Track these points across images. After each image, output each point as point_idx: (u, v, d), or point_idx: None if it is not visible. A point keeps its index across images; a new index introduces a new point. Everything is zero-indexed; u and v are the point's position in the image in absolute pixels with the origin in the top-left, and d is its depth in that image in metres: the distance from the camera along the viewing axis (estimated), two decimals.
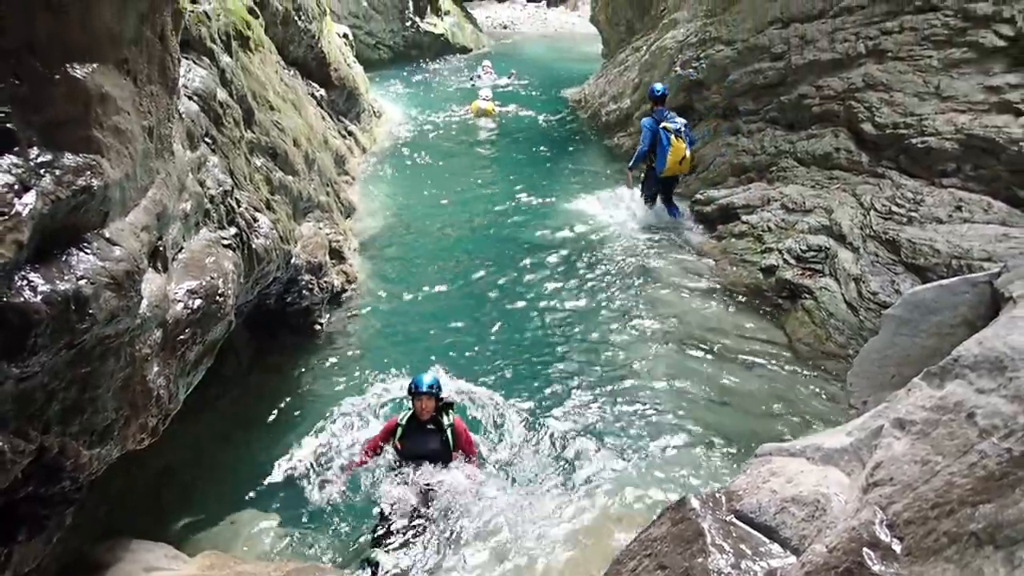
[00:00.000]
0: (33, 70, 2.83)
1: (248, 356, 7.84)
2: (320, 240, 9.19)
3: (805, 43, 10.72)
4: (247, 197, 6.74)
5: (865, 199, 8.83)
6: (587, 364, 7.89)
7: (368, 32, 26.97)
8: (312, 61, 13.75)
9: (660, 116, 10.99)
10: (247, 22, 9.58)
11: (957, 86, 8.45)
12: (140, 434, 3.79)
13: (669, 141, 10.72)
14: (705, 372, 7.66)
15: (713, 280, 9.65)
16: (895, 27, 9.42)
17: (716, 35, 12.95)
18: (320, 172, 10.68)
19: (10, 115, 2.71)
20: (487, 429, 6.87)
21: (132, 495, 5.76)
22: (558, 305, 9.15)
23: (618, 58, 19.43)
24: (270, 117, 8.97)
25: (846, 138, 9.77)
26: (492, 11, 43.42)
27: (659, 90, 11.29)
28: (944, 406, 2.50)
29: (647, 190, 11.74)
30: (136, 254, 3.37)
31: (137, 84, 3.57)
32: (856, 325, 7.77)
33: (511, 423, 6.93)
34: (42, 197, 2.75)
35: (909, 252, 7.72)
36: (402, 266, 10.47)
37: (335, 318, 9.00)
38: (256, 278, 6.54)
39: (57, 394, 3.06)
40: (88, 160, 3.04)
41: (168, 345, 4.07)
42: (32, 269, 2.80)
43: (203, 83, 6.48)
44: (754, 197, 10.57)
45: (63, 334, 2.87)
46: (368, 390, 7.42)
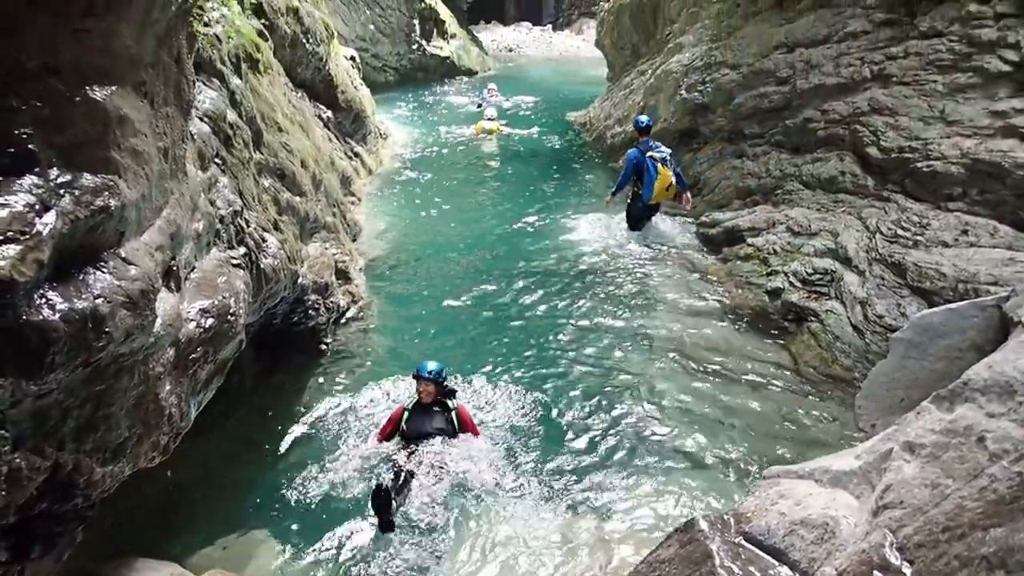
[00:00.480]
0: (55, 92, 2.88)
1: (254, 375, 7.86)
2: (326, 260, 9.23)
3: (810, 67, 10.80)
4: (256, 217, 6.79)
5: (871, 222, 8.85)
6: (593, 385, 7.88)
7: (375, 55, 27.21)
8: (319, 83, 13.87)
9: (646, 147, 11.36)
10: (256, 45, 9.68)
11: (962, 111, 8.51)
12: (152, 452, 3.81)
13: (656, 169, 11.14)
14: (711, 394, 7.66)
15: (719, 302, 9.66)
16: (900, 52, 9.50)
17: (721, 59, 13.04)
18: (327, 193, 10.75)
19: (32, 136, 2.76)
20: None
21: (139, 513, 5.76)
22: (563, 325, 9.16)
23: (623, 81, 19.57)
24: (278, 138, 9.05)
25: (851, 162, 9.82)
26: (498, 34, 43.76)
27: (643, 122, 11.89)
28: (954, 430, 2.51)
29: (633, 216, 12.04)
30: (151, 273, 3.41)
31: (153, 106, 3.63)
32: (862, 348, 7.77)
33: (515, 440, 6.93)
34: (62, 217, 2.79)
35: (915, 276, 7.74)
36: (407, 286, 10.50)
37: (341, 338, 9.01)
38: (264, 298, 6.57)
39: (72, 411, 3.08)
40: (106, 181, 3.08)
41: (180, 363, 4.10)
42: (50, 287, 2.83)
43: (213, 104, 6.55)
44: (759, 220, 10.60)
45: (80, 352, 2.90)
46: (374, 408, 7.42)
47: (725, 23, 13.66)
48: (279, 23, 11.86)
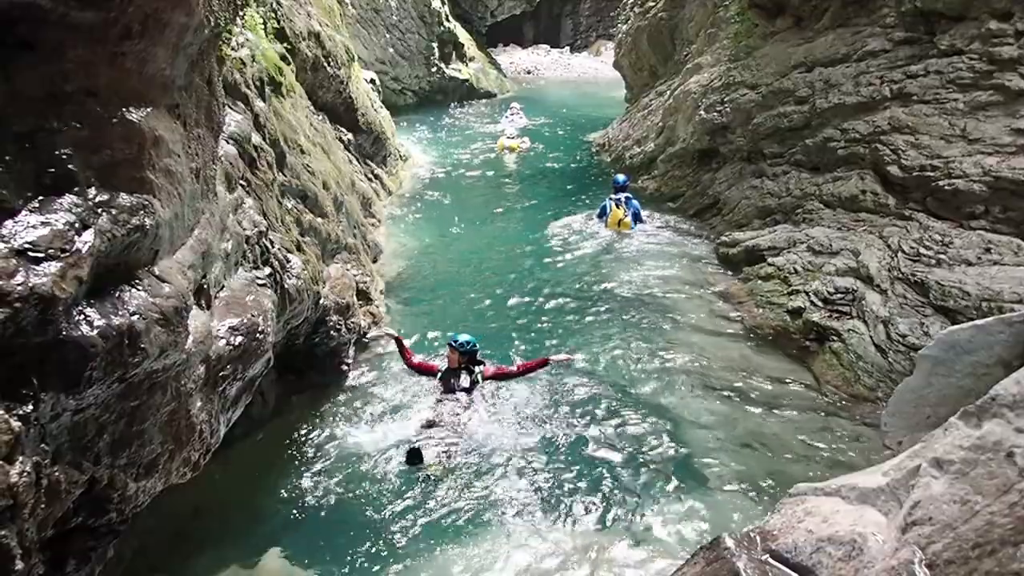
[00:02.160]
0: (93, 114, 2.96)
1: (275, 396, 7.88)
2: (348, 281, 9.28)
3: (829, 87, 10.83)
4: (280, 238, 6.86)
5: (892, 241, 8.83)
6: (615, 403, 7.87)
7: (394, 78, 27.47)
8: (340, 106, 14.02)
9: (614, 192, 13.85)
10: (279, 68, 9.83)
11: (984, 129, 8.49)
12: (183, 468, 3.86)
13: (609, 208, 13.64)
14: (733, 414, 7.63)
15: (740, 322, 9.65)
16: (920, 71, 9.51)
17: (740, 79, 13.09)
18: (348, 214, 10.83)
19: (71, 156, 2.84)
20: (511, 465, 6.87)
21: (159, 534, 5.76)
22: (583, 345, 9.16)
23: (641, 102, 19.65)
24: (301, 160, 9.15)
25: (872, 180, 9.81)
26: (516, 57, 44.02)
27: (620, 181, 14.06)
28: (983, 445, 2.51)
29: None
30: (184, 291, 3.47)
31: (186, 127, 3.71)
32: (885, 367, 7.73)
33: (536, 457, 6.94)
34: (100, 235, 2.86)
35: (938, 294, 7.70)
36: (427, 307, 10.55)
37: (361, 359, 9.04)
38: (287, 318, 6.63)
39: (107, 427, 3.14)
40: (141, 200, 3.16)
41: (210, 381, 4.16)
42: (88, 304, 2.90)
43: (238, 127, 6.64)
44: (780, 239, 10.59)
45: (116, 367, 2.96)
46: (395, 429, 7.45)
47: (743, 43, 13.73)
48: (301, 47, 12.04)
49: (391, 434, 7.37)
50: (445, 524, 6.16)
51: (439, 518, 6.24)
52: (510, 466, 6.88)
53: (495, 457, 7.02)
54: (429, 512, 6.28)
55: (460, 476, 6.75)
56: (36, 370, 2.68)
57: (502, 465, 6.88)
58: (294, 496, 6.56)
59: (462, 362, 7.94)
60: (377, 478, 6.72)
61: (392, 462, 6.91)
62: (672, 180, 15.40)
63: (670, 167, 15.67)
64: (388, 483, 6.60)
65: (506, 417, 7.71)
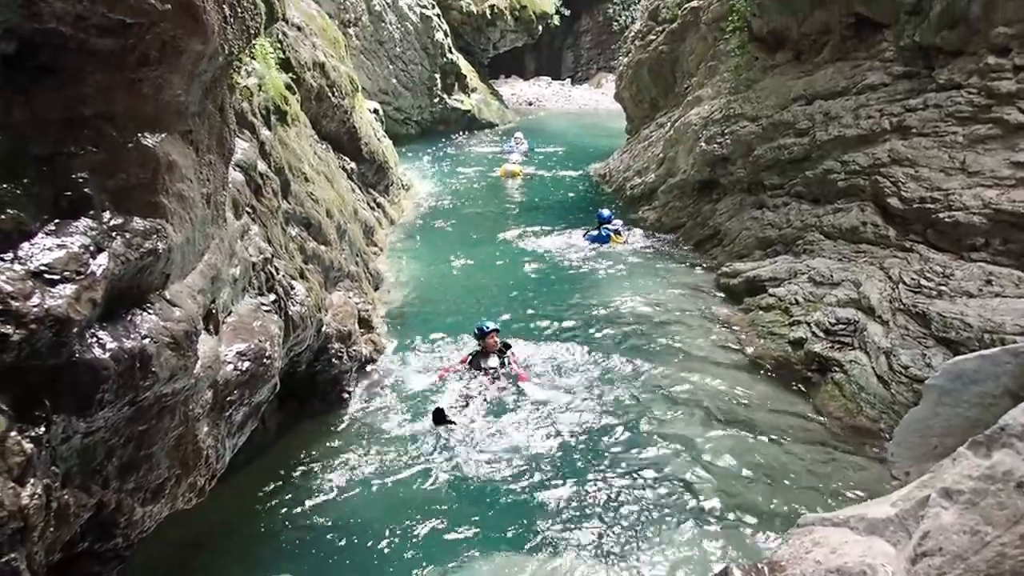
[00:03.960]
0: (109, 139, 3.00)
1: (277, 424, 7.86)
2: (350, 309, 9.30)
3: (829, 119, 10.93)
4: (284, 265, 6.90)
5: (893, 272, 8.86)
6: (617, 435, 7.84)
7: (397, 108, 27.70)
8: (344, 135, 14.14)
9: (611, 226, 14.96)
10: (285, 97, 9.92)
11: (983, 161, 8.56)
12: (189, 493, 3.85)
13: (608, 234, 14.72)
14: (736, 445, 7.61)
15: (741, 353, 9.65)
16: (919, 104, 9.60)
17: (741, 111, 13.21)
18: (351, 242, 10.88)
19: (88, 180, 2.87)
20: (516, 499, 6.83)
21: (158, 564, 5.70)
22: (585, 374, 9.15)
23: (642, 134, 19.82)
24: (305, 189, 9.21)
25: (873, 212, 9.86)
26: (518, 88, 44.38)
27: (607, 216, 15.16)
28: (992, 475, 2.51)
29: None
30: (194, 315, 3.49)
31: (199, 153, 3.75)
32: (888, 399, 7.72)
33: (539, 488, 6.90)
34: (114, 258, 2.89)
35: (940, 326, 7.71)
36: (428, 335, 10.52)
37: (363, 387, 9.03)
38: (291, 345, 6.64)
39: (116, 450, 3.14)
40: (155, 224, 3.18)
41: (217, 405, 4.16)
42: (101, 327, 2.92)
43: (245, 155, 6.69)
44: (781, 270, 10.63)
45: (128, 390, 2.97)
46: (397, 457, 7.42)
47: (744, 76, 13.88)
48: (306, 77, 12.17)
49: (393, 462, 7.35)
50: (450, 550, 6.12)
51: (445, 544, 6.20)
52: (507, 498, 6.85)
53: (502, 473, 7.07)
54: (434, 540, 6.25)
55: (465, 497, 6.71)
56: (49, 392, 2.69)
57: (503, 494, 6.85)
58: (296, 524, 6.52)
59: (498, 345, 9.32)
60: (380, 506, 6.68)
61: (394, 489, 6.88)
62: (673, 211, 15.49)
63: (671, 198, 15.77)
64: (392, 511, 6.56)
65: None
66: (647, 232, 15.47)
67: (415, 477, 7.12)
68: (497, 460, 7.38)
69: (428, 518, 6.49)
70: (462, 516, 6.55)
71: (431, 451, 7.53)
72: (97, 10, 2.75)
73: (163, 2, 3.03)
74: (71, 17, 2.69)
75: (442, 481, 7.06)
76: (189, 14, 3.25)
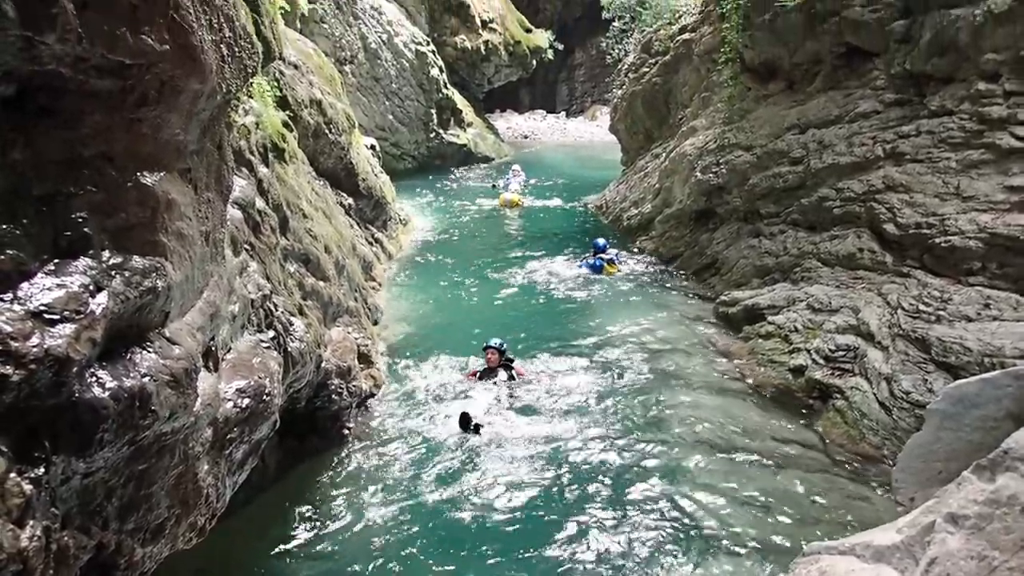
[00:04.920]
0: (109, 178, 3.02)
1: (276, 461, 7.80)
2: (349, 344, 9.29)
3: (823, 147, 11.02)
4: (283, 302, 6.90)
5: (891, 298, 8.88)
6: (617, 464, 7.81)
7: (394, 143, 27.90)
8: (341, 171, 14.23)
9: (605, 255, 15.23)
10: (282, 135, 9.99)
11: (977, 186, 8.61)
12: (189, 533, 3.82)
13: (602, 264, 15.00)
14: (739, 473, 7.57)
15: (742, 381, 9.63)
16: (912, 131, 9.69)
17: (735, 141, 13.32)
18: (349, 278, 10.90)
19: (87, 220, 2.88)
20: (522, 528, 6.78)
21: None
22: (586, 408, 9.11)
23: (638, 165, 19.95)
24: (303, 225, 9.24)
25: (869, 238, 9.91)
26: (513, 122, 44.71)
27: (602, 245, 15.48)
28: (997, 500, 2.49)
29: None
30: (193, 353, 3.48)
31: (197, 191, 3.77)
32: (890, 425, 7.70)
33: (539, 517, 6.85)
34: (114, 297, 2.89)
35: (940, 351, 7.71)
36: (428, 370, 10.50)
37: (363, 423, 8.98)
38: (290, 381, 6.62)
39: (116, 491, 3.12)
40: (154, 262, 3.19)
41: (217, 443, 4.14)
42: (100, 366, 2.91)
43: (243, 192, 6.72)
44: (779, 298, 10.65)
45: (127, 430, 2.96)
46: (397, 495, 7.37)
47: (737, 106, 14.01)
48: (303, 114, 12.27)
49: (393, 499, 7.30)
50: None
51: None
52: (505, 529, 6.80)
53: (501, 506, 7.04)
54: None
55: (465, 533, 6.67)
56: (49, 432, 2.67)
57: (501, 530, 6.80)
58: (297, 563, 6.45)
59: (500, 361, 9.90)
60: (381, 543, 6.62)
61: (395, 527, 6.82)
62: (670, 240, 15.55)
63: (668, 228, 15.84)
64: (393, 548, 6.50)
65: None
66: (645, 262, 15.55)
67: (415, 514, 7.05)
68: (496, 493, 7.33)
69: (428, 556, 6.44)
70: (462, 551, 6.49)
71: (431, 487, 7.48)
72: (96, 52, 2.78)
73: (162, 43, 3.07)
74: (71, 59, 2.72)
75: (442, 519, 6.99)
76: (187, 54, 3.29)
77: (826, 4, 11.26)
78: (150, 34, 3.00)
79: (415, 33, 28.33)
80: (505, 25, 34.02)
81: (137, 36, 2.93)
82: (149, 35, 3.00)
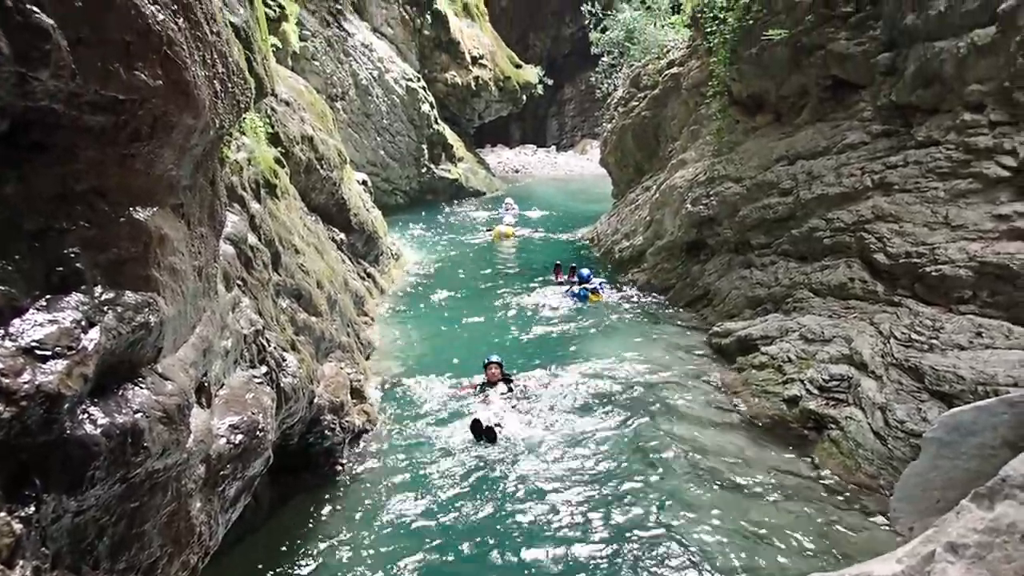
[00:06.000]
0: (101, 213, 3.01)
1: (269, 499, 7.73)
2: (342, 380, 9.25)
3: (812, 178, 11.11)
4: (275, 337, 6.88)
5: (884, 327, 8.90)
6: (611, 497, 7.75)
7: (385, 179, 28.05)
8: (333, 207, 14.28)
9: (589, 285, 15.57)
10: (274, 171, 10.04)
11: (966, 215, 8.68)
12: (182, 572, 3.75)
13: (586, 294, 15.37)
14: (735, 506, 7.52)
15: (737, 412, 9.61)
16: (899, 161, 9.79)
17: (724, 173, 13.42)
18: (341, 313, 10.89)
19: (80, 255, 2.87)
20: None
21: None
22: (579, 438, 9.07)
23: (628, 197, 20.07)
24: (295, 260, 9.25)
25: (860, 268, 9.96)
26: (504, 156, 45.00)
27: (587, 275, 15.86)
28: (996, 528, 2.49)
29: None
30: (186, 388, 3.46)
31: (190, 226, 3.77)
32: (885, 455, 7.68)
33: (536, 560, 6.78)
34: (105, 333, 2.87)
35: (933, 379, 7.72)
36: (421, 405, 10.45)
37: (356, 458, 8.92)
38: (283, 417, 6.57)
39: (107, 529, 3.07)
40: (147, 298, 3.18)
41: (210, 480, 4.09)
42: (92, 403, 2.88)
43: (235, 228, 6.72)
44: (771, 328, 10.66)
45: (119, 467, 2.92)
46: (391, 531, 7.30)
47: (726, 139, 14.14)
48: (295, 150, 12.34)
49: (387, 535, 7.22)
50: None
51: None
52: (502, 562, 6.73)
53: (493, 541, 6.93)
54: None
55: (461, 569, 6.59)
56: (39, 470, 2.63)
57: (495, 564, 6.73)
58: None
59: (501, 376, 10.38)
60: None
61: (388, 563, 6.74)
62: (662, 272, 15.59)
63: (659, 259, 15.89)
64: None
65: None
66: (637, 293, 15.59)
67: (409, 549, 6.98)
68: (487, 526, 7.27)
69: None
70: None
71: (424, 522, 7.41)
72: (90, 88, 2.78)
73: (155, 78, 3.08)
74: (64, 95, 2.72)
75: (436, 555, 6.91)
76: (181, 90, 3.30)
77: (811, 38, 11.43)
78: (144, 70, 3.02)
79: (406, 69, 28.60)
80: (495, 61, 34.38)
81: (131, 72, 2.95)
82: (143, 71, 3.01)
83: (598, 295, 15.40)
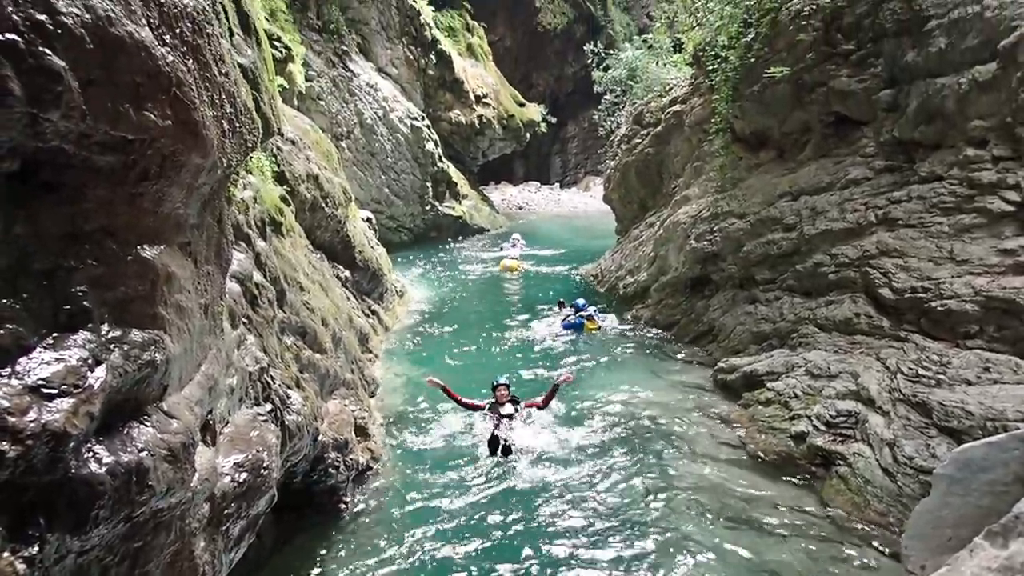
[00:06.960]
0: (109, 252, 3.03)
1: (272, 538, 7.66)
2: (346, 417, 9.21)
3: (816, 214, 11.14)
4: (280, 375, 6.87)
5: (890, 363, 8.86)
6: (615, 534, 7.66)
7: (390, 216, 28.20)
8: (338, 244, 14.33)
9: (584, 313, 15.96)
10: (280, 209, 10.09)
11: (970, 250, 8.68)
12: None
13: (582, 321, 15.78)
14: (743, 544, 7.42)
15: (743, 448, 9.53)
16: (903, 196, 9.82)
17: (728, 209, 13.46)
18: (346, 350, 10.87)
19: (87, 293, 2.88)
20: None
21: None
22: (586, 478, 8.99)
23: (632, 234, 20.12)
24: (300, 298, 9.26)
25: (865, 303, 9.95)
26: (507, 193, 45.31)
27: (583, 304, 16.20)
28: (1011, 566, 2.46)
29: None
30: (191, 427, 3.44)
31: (197, 264, 3.79)
32: (895, 491, 7.59)
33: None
34: (112, 371, 2.87)
35: (941, 415, 7.66)
36: (425, 442, 10.40)
37: (360, 497, 8.85)
38: (287, 455, 6.54)
39: (111, 569, 3.04)
40: (153, 336, 3.18)
41: (214, 519, 4.06)
42: (97, 441, 2.87)
43: (241, 266, 6.75)
44: (777, 364, 10.62)
45: (123, 506, 2.90)
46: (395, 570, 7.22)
47: (729, 175, 14.20)
48: (300, 189, 12.41)
49: (391, 574, 7.14)
50: None
51: None
52: None
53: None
54: None
55: None
56: (44, 510, 2.62)
57: None
58: None
59: (509, 396, 10.54)
60: None
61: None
62: (666, 308, 15.57)
63: (664, 295, 15.88)
64: None
65: None
66: (642, 329, 15.56)
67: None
68: (494, 567, 7.18)
69: None
70: None
71: (428, 560, 7.33)
72: (100, 128, 2.81)
73: (164, 118, 3.11)
74: (74, 135, 2.75)
75: None
76: (189, 130, 3.34)
77: (813, 75, 11.53)
78: (153, 110, 3.05)
79: (410, 108, 28.88)
80: (499, 100, 34.73)
81: (140, 112, 2.98)
82: (152, 111, 3.04)
83: (594, 322, 15.76)
